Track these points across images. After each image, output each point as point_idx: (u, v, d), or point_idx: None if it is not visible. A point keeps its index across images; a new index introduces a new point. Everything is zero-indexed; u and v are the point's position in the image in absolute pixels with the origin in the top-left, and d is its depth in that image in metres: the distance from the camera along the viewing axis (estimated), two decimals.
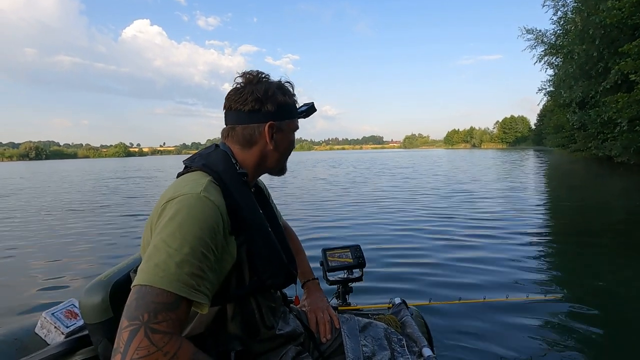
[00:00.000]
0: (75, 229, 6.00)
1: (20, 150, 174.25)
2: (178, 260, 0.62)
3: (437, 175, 14.73)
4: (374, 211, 6.54)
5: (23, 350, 0.89)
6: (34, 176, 23.60)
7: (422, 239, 4.47)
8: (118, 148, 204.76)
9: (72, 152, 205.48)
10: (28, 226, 6.34)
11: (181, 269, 0.61)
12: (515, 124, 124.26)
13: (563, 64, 17.23)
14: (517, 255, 3.69)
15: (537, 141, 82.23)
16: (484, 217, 5.72)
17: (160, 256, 0.62)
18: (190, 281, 0.62)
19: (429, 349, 0.98)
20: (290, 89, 0.88)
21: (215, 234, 0.68)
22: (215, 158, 0.81)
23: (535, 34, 19.55)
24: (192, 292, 0.62)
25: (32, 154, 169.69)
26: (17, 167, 53.16)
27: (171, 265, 0.61)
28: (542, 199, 7.96)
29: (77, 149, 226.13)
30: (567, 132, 22.90)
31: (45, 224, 6.53)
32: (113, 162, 67.62)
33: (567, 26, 16.49)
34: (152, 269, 0.61)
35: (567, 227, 5.27)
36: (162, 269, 0.61)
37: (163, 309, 0.58)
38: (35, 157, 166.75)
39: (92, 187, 13.87)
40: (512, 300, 2.46)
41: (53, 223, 6.61)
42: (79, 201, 9.84)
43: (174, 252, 0.62)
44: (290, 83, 0.89)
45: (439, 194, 8.60)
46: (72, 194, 11.74)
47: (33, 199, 10.62)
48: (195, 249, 0.64)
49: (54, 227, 6.23)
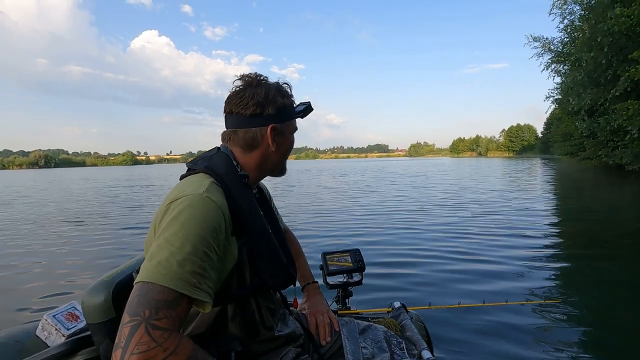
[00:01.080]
0: (77, 233, 6.00)
1: (30, 159, 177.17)
2: (180, 258, 0.62)
3: (446, 183, 14.59)
4: (374, 215, 6.54)
5: (24, 352, 0.88)
6: (38, 184, 23.87)
7: (422, 243, 4.45)
8: (125, 156, 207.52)
9: (81, 160, 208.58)
10: (30, 231, 6.35)
11: (183, 267, 0.62)
12: (522, 133, 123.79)
13: (571, 72, 17.05)
14: (517, 259, 3.68)
15: (544, 149, 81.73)
16: (486, 222, 5.70)
17: (163, 254, 0.63)
18: (192, 279, 0.63)
19: (428, 351, 0.98)
20: (288, 90, 0.89)
21: (217, 234, 0.69)
22: (217, 161, 0.83)
23: (542, 42, 19.48)
24: (193, 290, 0.63)
25: (41, 162, 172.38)
26: (26, 175, 53.94)
27: (173, 263, 0.62)
28: (549, 206, 7.85)
29: (85, 157, 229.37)
30: (576, 140, 22.64)
31: (48, 229, 6.54)
32: (120, 170, 68.19)
33: (575, 34, 16.41)
34: (155, 266, 0.62)
35: (573, 234, 5.18)
36: (164, 266, 0.62)
37: (164, 306, 0.59)
38: (44, 165, 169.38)
39: (95, 196, 13.95)
40: (511, 304, 2.44)
41: (56, 228, 6.61)
42: (82, 208, 9.88)
43: (176, 251, 0.63)
44: (287, 84, 0.89)
45: (441, 202, 8.59)
46: (77, 202, 11.80)
47: (37, 206, 10.69)
48: (197, 248, 0.65)
49: (56, 232, 6.23)
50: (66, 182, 24.34)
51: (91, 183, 22.93)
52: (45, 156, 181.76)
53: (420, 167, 32.43)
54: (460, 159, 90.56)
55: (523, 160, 46.18)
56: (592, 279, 3.20)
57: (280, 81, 0.88)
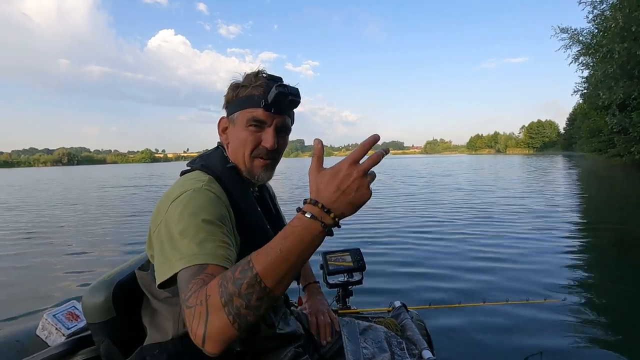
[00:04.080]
0: (78, 233, 5.98)
1: (54, 156, 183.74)
2: (197, 241, 0.62)
3: (473, 185, 14.11)
4: (375, 215, 6.46)
5: (24, 352, 0.88)
6: (72, 182, 24.54)
7: (422, 243, 4.40)
8: (144, 154, 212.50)
9: (102, 157, 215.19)
10: (32, 230, 6.38)
11: (203, 248, 0.62)
12: (543, 129, 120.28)
13: (601, 64, 16.27)
14: (517, 259, 3.64)
15: (566, 146, 79.20)
16: (488, 221, 5.63)
17: (183, 246, 0.62)
18: (219, 252, 0.62)
19: (428, 351, 0.98)
20: (253, 79, 0.81)
21: (225, 220, 0.70)
22: (214, 159, 0.84)
23: (570, 33, 18.62)
24: (225, 261, 0.61)
25: (64, 160, 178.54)
26: (52, 172, 55.74)
27: (194, 248, 0.61)
28: (556, 204, 7.45)
29: (106, 154, 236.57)
30: (605, 136, 21.66)
31: (49, 229, 6.59)
32: (139, 167, 69.77)
33: (606, 24, 15.59)
34: (177, 257, 0.61)
35: (580, 233, 4.93)
36: (186, 254, 0.61)
37: (206, 272, 0.58)
38: (67, 163, 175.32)
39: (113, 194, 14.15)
40: (512, 303, 2.44)
41: (58, 228, 6.67)
42: (88, 205, 10.00)
43: (193, 236, 0.63)
44: (262, 72, 0.83)
45: (454, 202, 8.32)
46: (85, 199, 12.00)
47: (39, 204, 10.90)
48: (211, 231, 0.65)
49: (58, 231, 6.24)
50: (89, 181, 24.88)
51: (120, 180, 23.38)
52: (69, 154, 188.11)
53: (440, 165, 31.77)
54: (478, 156, 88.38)
55: (545, 158, 44.82)
56: (593, 279, 3.12)
57: (259, 69, 0.84)
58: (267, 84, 0.79)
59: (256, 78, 0.81)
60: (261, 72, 0.82)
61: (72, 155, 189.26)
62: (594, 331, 2.20)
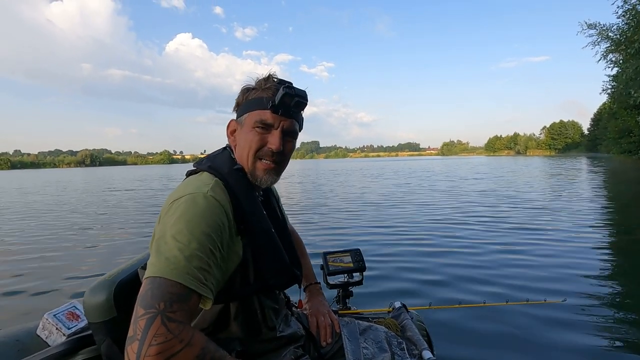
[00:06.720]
0: (80, 233, 5.97)
1: (77, 158, 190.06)
2: (187, 254, 0.64)
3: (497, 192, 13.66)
4: (375, 216, 6.43)
5: (24, 351, 0.87)
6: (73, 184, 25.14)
7: (422, 243, 4.39)
8: (163, 155, 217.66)
9: (122, 159, 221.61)
10: (33, 230, 6.41)
11: (190, 263, 0.63)
12: (565, 130, 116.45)
13: (633, 60, 15.48)
14: (517, 260, 3.61)
15: (590, 147, 76.43)
16: (492, 222, 5.55)
17: (171, 251, 0.64)
18: (199, 275, 0.64)
19: (429, 351, 0.98)
20: (263, 83, 0.82)
21: (222, 232, 0.70)
22: (221, 160, 0.85)
23: (599, 29, 17.80)
24: (200, 286, 0.63)
25: (87, 161, 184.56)
26: (75, 173, 57.58)
27: (181, 259, 0.63)
28: (560, 206, 7.08)
29: (126, 156, 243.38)
30: (636, 137, 20.67)
31: (51, 228, 6.63)
32: (158, 169, 71.34)
33: (638, 18, 14.84)
34: (164, 262, 0.63)
35: (585, 235, 4.71)
36: (172, 262, 0.63)
37: (177, 300, 0.60)
38: (90, 164, 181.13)
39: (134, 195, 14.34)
40: (512, 304, 2.43)
41: (59, 227, 6.70)
42: (89, 205, 10.12)
43: (184, 247, 0.64)
44: (272, 76, 0.84)
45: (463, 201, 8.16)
46: (90, 199, 12.19)
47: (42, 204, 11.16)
48: (204, 245, 0.66)
49: (59, 231, 6.24)
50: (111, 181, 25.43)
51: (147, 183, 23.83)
52: (91, 155, 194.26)
53: (456, 167, 31.08)
54: (498, 157, 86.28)
55: (568, 160, 43.36)
56: (593, 279, 3.08)
57: (270, 73, 0.85)
58: (276, 87, 0.80)
59: (266, 81, 0.82)
60: (272, 75, 0.83)
61: (94, 157, 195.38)
62: (594, 331, 2.19)
